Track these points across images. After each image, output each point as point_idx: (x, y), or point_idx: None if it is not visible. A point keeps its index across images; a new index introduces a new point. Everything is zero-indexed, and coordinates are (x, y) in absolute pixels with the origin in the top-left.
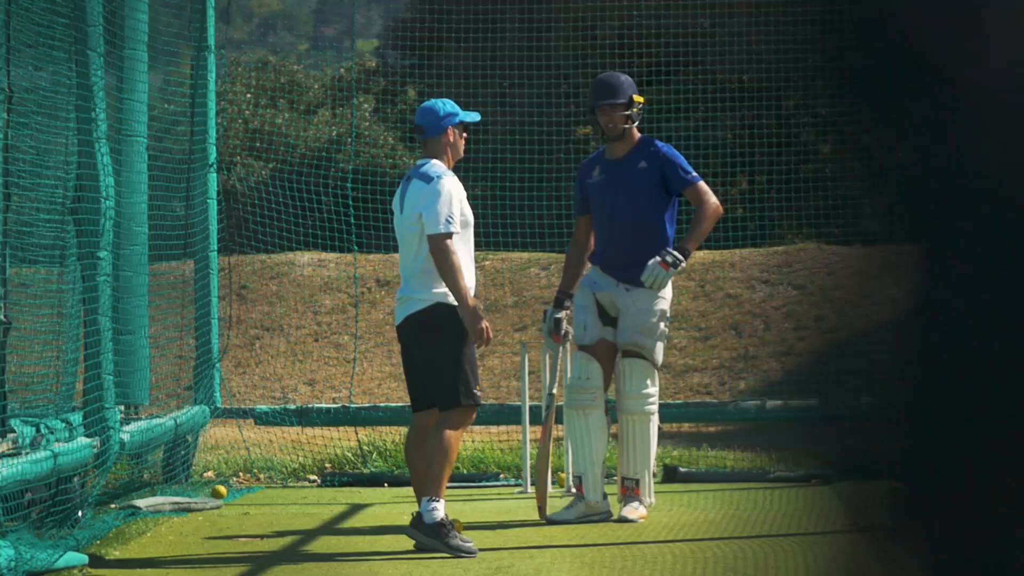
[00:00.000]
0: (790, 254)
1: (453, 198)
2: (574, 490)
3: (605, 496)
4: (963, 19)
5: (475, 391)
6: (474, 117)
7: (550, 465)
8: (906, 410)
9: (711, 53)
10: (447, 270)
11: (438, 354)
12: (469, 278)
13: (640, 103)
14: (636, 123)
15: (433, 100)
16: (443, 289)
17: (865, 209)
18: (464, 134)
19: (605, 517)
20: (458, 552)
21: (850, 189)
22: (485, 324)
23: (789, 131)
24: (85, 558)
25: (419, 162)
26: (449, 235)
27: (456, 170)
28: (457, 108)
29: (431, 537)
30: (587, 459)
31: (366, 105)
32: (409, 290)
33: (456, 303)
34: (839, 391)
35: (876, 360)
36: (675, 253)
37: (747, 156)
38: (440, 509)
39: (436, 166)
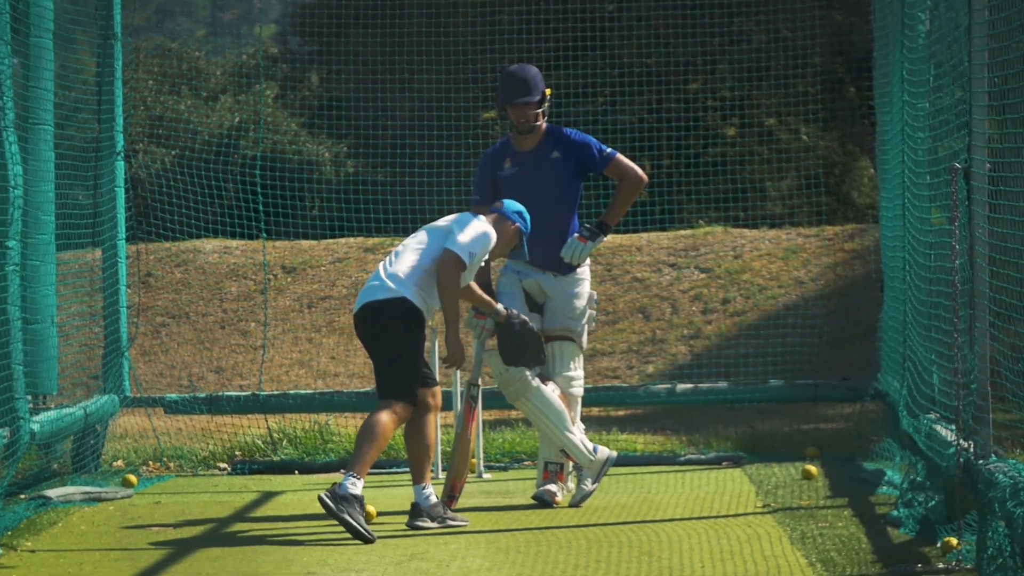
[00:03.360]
0: (697, 237)
1: (485, 246)
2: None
3: (595, 448)
4: None
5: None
6: (527, 229)
7: (469, 452)
8: None
9: (616, 37)
10: (449, 288)
11: (396, 345)
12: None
13: (549, 95)
14: (545, 116)
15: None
16: (416, 290)
17: (770, 192)
18: (516, 243)
19: (613, 459)
20: (351, 527)
21: (755, 172)
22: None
23: (694, 114)
24: None
25: None
26: (462, 264)
27: (363, 155)
28: (525, 216)
29: (338, 504)
30: (558, 433)
31: (269, 91)
32: (380, 278)
33: (420, 305)
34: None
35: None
36: (591, 227)
37: (652, 140)
38: (358, 486)
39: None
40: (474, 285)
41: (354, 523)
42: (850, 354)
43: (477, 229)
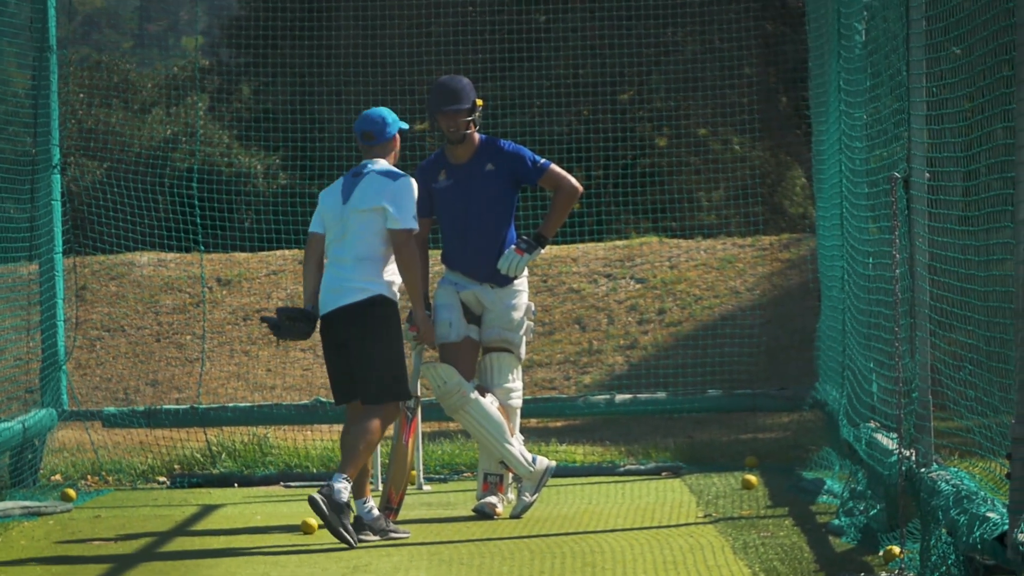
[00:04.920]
0: (632, 248)
1: (416, 195)
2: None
3: (534, 459)
4: None
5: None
6: (405, 125)
7: (409, 463)
8: None
9: (548, 48)
10: (410, 266)
11: (378, 348)
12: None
13: (480, 106)
14: (477, 127)
15: (377, 108)
16: (384, 281)
17: (702, 202)
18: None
19: (552, 469)
20: (342, 537)
21: (688, 183)
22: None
23: (629, 124)
24: None
25: (367, 162)
26: (413, 232)
27: (296, 167)
28: (395, 115)
29: (333, 513)
30: (498, 446)
31: (200, 104)
32: (345, 280)
33: (393, 297)
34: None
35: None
36: (528, 239)
37: (585, 151)
38: (348, 491)
39: (394, 168)
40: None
41: (346, 534)
42: (786, 363)
43: (403, 188)
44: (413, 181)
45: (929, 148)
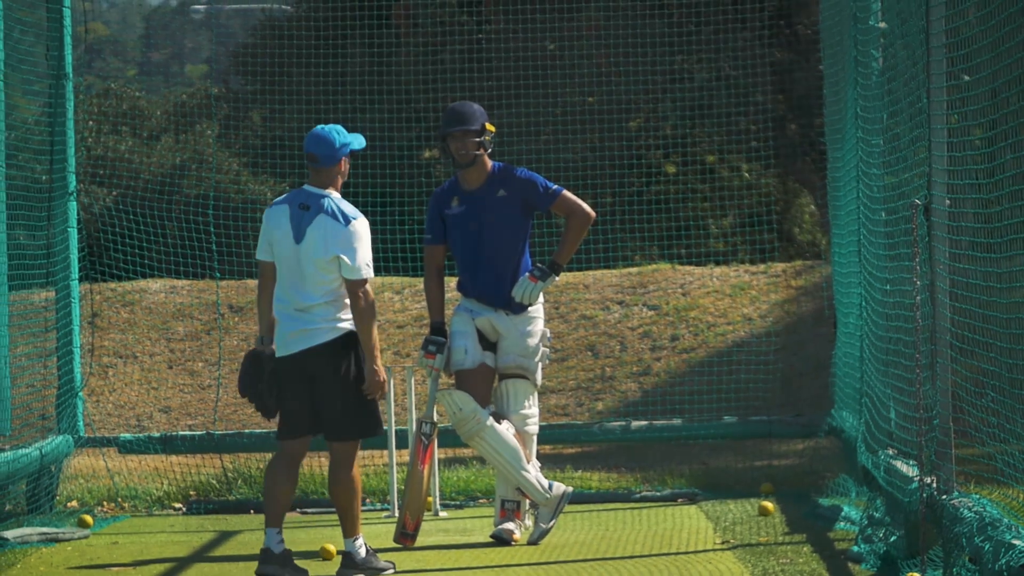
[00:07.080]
0: (644, 275)
1: (369, 239)
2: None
3: (551, 485)
4: None
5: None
6: (361, 143)
7: (425, 489)
8: None
9: (558, 76)
10: (367, 317)
11: (352, 384)
12: None
13: (491, 132)
14: (488, 151)
15: (327, 128)
16: (349, 318)
17: (712, 230)
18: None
19: (568, 495)
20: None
21: (698, 210)
22: (383, 379)
23: (636, 152)
24: None
25: (314, 191)
26: (368, 281)
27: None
28: (348, 135)
29: (369, 567)
30: (514, 472)
31: (209, 132)
32: (311, 322)
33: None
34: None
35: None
36: (542, 267)
37: (594, 178)
38: (362, 543)
39: (343, 203)
40: None
41: (380, 565)
42: (800, 390)
43: (354, 235)
44: (365, 223)
45: (949, 175)
